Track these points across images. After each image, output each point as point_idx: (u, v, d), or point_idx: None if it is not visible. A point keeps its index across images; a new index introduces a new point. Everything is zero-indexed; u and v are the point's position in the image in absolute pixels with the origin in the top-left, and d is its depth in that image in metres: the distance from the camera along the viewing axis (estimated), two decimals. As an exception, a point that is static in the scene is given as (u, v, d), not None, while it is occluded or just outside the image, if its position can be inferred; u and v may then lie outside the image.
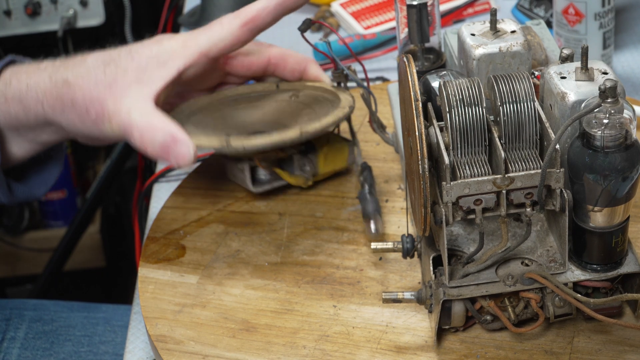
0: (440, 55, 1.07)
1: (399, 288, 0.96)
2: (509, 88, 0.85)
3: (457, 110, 0.85)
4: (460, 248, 0.91)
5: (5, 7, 1.67)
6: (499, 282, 0.87)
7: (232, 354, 0.91)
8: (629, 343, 0.88)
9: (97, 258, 2.10)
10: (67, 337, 1.20)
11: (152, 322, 0.95)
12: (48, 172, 1.08)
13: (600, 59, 1.22)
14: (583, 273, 0.88)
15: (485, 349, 0.89)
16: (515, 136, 0.85)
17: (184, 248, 1.03)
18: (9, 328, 1.20)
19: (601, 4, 1.20)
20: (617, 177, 0.83)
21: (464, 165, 0.85)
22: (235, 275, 0.99)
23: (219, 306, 0.96)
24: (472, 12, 1.38)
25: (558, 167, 0.83)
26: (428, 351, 0.89)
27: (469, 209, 0.85)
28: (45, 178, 1.08)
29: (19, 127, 1.00)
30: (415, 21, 1.04)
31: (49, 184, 1.08)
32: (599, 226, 0.86)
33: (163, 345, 0.93)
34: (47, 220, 2.10)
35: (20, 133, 1.01)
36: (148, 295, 0.98)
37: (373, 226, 0.99)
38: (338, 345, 0.91)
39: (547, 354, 0.88)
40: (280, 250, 1.02)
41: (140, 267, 1.01)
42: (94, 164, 2.15)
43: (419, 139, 0.82)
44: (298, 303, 0.96)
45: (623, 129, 0.82)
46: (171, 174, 1.17)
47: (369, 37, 1.34)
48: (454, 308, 0.88)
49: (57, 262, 1.88)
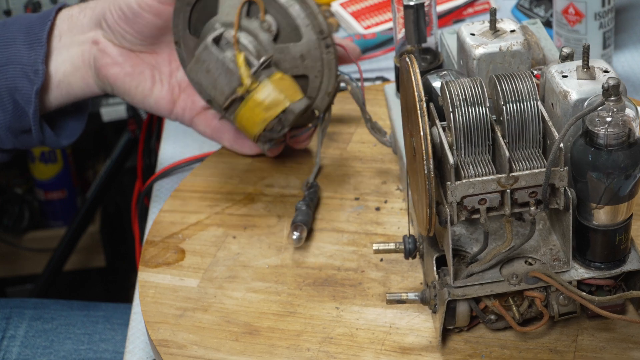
0: (437, 56, 1.07)
1: (401, 289, 0.96)
2: (512, 87, 0.85)
3: (460, 109, 0.85)
4: (463, 248, 0.91)
5: (5, 7, 1.66)
6: (504, 282, 0.87)
7: (236, 358, 0.91)
8: (633, 340, 0.88)
9: (97, 258, 2.09)
10: (67, 335, 1.20)
11: (154, 326, 0.94)
12: (77, 123, 1.13)
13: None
14: (587, 271, 0.88)
15: (490, 349, 0.89)
16: (519, 135, 0.85)
17: (183, 252, 1.03)
18: (9, 326, 1.19)
19: (601, 4, 1.20)
20: (620, 175, 0.83)
21: (467, 165, 0.85)
22: (235, 279, 0.99)
23: (220, 310, 0.95)
24: (471, 12, 1.38)
25: (562, 166, 0.83)
26: (433, 351, 0.89)
27: (473, 208, 0.85)
28: (73, 129, 1.12)
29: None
30: (412, 22, 1.04)
31: (75, 136, 1.12)
32: (602, 224, 0.86)
33: (166, 350, 0.92)
34: (47, 220, 2.09)
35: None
36: (149, 300, 0.97)
37: (296, 234, 1.00)
38: (342, 347, 0.91)
39: (551, 352, 0.88)
40: (280, 252, 1.01)
41: (140, 271, 1.01)
42: (94, 164, 2.15)
43: (423, 139, 0.82)
44: (300, 305, 0.95)
45: (626, 127, 0.83)
46: (171, 174, 1.17)
47: (368, 37, 1.34)
48: (459, 308, 0.88)
49: (57, 262, 1.87)
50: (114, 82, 1.06)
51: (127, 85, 1.07)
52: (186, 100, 1.09)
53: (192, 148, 1.21)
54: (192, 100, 1.09)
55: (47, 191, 2.06)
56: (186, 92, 1.09)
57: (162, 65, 1.08)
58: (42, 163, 2.03)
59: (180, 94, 1.09)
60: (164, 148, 1.24)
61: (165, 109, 1.09)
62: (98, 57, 1.06)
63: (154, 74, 1.08)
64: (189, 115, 1.09)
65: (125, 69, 1.06)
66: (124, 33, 1.05)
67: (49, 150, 2.01)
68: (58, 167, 2.04)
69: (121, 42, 1.06)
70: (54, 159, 2.03)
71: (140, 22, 1.04)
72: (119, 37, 1.05)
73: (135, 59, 1.07)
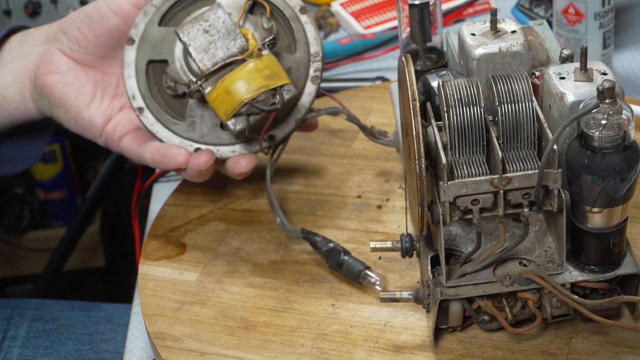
0: (442, 55, 1.07)
1: (398, 287, 0.96)
2: (507, 88, 0.85)
3: (455, 109, 0.85)
4: (459, 248, 0.91)
5: (5, 7, 1.67)
6: (497, 282, 0.87)
7: (230, 352, 0.91)
8: (626, 344, 0.88)
9: (97, 258, 2.10)
10: (68, 336, 1.20)
11: (151, 319, 0.95)
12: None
13: (600, 59, 1.22)
14: (581, 274, 0.88)
15: (483, 349, 0.89)
16: (513, 136, 0.85)
17: (185, 246, 1.03)
18: (10, 327, 1.20)
19: (601, 4, 1.20)
20: (615, 178, 0.83)
21: (461, 165, 0.85)
22: (234, 273, 0.99)
23: (218, 304, 0.96)
24: (472, 12, 1.38)
25: (556, 168, 0.83)
26: (425, 350, 0.90)
27: (466, 208, 0.85)
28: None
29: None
30: (417, 20, 1.04)
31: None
32: (597, 227, 0.86)
33: (161, 343, 0.93)
34: (47, 220, 2.11)
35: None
36: (148, 293, 0.98)
37: (374, 277, 0.97)
38: (336, 343, 0.91)
39: (544, 354, 0.88)
40: (280, 248, 1.02)
41: (141, 264, 1.01)
42: (94, 164, 2.16)
43: (416, 138, 0.82)
44: (297, 301, 0.96)
45: (621, 129, 0.82)
46: (171, 173, 1.18)
47: (369, 37, 1.34)
48: (452, 308, 0.88)
49: (57, 262, 1.88)
50: (50, 90, 1.01)
51: (64, 96, 1.01)
52: (122, 118, 1.02)
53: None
54: (128, 120, 1.02)
55: (47, 191, 2.08)
56: (124, 111, 1.02)
57: (107, 85, 1.03)
58: (42, 163, 2.04)
59: (117, 113, 1.02)
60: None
61: (98, 127, 1.01)
62: (41, 66, 1.02)
63: (96, 91, 1.02)
64: (120, 133, 1.01)
65: (67, 79, 1.01)
66: (81, 39, 1.01)
67: (49, 150, 2.02)
68: (58, 167, 2.05)
69: (73, 52, 1.01)
70: (54, 159, 2.04)
71: (104, 26, 1.00)
72: (74, 45, 1.01)
73: (80, 72, 1.02)
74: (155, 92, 1.01)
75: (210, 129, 1.00)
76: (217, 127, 1.01)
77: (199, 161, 0.97)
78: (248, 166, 0.99)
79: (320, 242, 0.98)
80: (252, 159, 0.99)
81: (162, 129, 1.00)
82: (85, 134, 1.02)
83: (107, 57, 1.03)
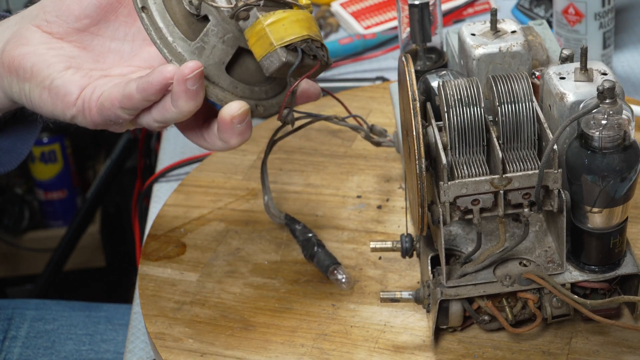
0: (442, 55, 1.07)
1: (398, 287, 0.96)
2: (507, 88, 0.85)
3: (455, 110, 0.85)
4: (459, 248, 0.91)
5: (5, 7, 1.67)
6: (497, 283, 0.87)
7: (230, 352, 0.91)
8: (627, 344, 0.88)
9: (97, 258, 2.10)
10: (69, 336, 1.20)
11: (151, 319, 0.95)
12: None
13: (600, 59, 1.22)
14: (581, 274, 0.88)
15: (483, 349, 0.89)
16: (514, 136, 0.85)
17: (185, 246, 1.03)
18: (10, 327, 1.20)
19: (601, 4, 1.20)
20: (616, 178, 0.83)
21: (461, 165, 0.85)
22: (234, 274, 0.99)
23: (217, 304, 0.96)
24: (472, 12, 1.38)
25: (556, 168, 0.83)
26: (425, 351, 0.90)
27: (466, 209, 0.85)
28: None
29: None
30: (417, 20, 1.04)
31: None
32: (597, 227, 0.86)
33: (162, 343, 0.93)
34: (47, 220, 2.11)
35: None
36: (148, 293, 0.98)
37: (343, 276, 0.97)
38: (336, 344, 0.91)
39: (544, 354, 0.88)
40: (280, 248, 1.02)
41: (141, 264, 1.01)
42: (94, 164, 2.16)
43: (416, 138, 0.82)
44: (297, 302, 0.96)
45: (621, 129, 0.82)
46: (171, 173, 1.18)
47: (369, 37, 1.35)
48: (452, 308, 0.88)
49: (57, 262, 1.88)
50: (20, 62, 0.89)
51: (36, 66, 0.88)
52: (101, 82, 0.89)
53: (192, 148, 1.21)
54: (110, 84, 0.88)
55: (47, 191, 2.08)
56: (105, 79, 0.90)
57: (85, 59, 0.91)
58: (42, 163, 2.04)
59: (96, 81, 0.89)
60: (164, 148, 1.25)
61: (72, 93, 0.88)
62: (10, 41, 0.91)
63: (70, 63, 0.90)
64: (99, 91, 0.87)
65: (39, 49, 0.89)
66: (62, 8, 0.90)
67: (49, 150, 2.02)
68: (58, 167, 2.05)
69: (50, 24, 0.90)
70: (54, 159, 2.04)
71: None
72: (52, 17, 0.90)
73: (56, 45, 0.90)
74: (169, 2, 0.89)
75: (215, 65, 0.88)
76: (222, 66, 0.89)
77: (185, 69, 0.84)
78: (239, 108, 0.86)
79: (299, 231, 0.99)
80: (245, 104, 0.86)
81: (163, 36, 0.88)
82: (58, 105, 0.89)
83: (87, 32, 0.91)
